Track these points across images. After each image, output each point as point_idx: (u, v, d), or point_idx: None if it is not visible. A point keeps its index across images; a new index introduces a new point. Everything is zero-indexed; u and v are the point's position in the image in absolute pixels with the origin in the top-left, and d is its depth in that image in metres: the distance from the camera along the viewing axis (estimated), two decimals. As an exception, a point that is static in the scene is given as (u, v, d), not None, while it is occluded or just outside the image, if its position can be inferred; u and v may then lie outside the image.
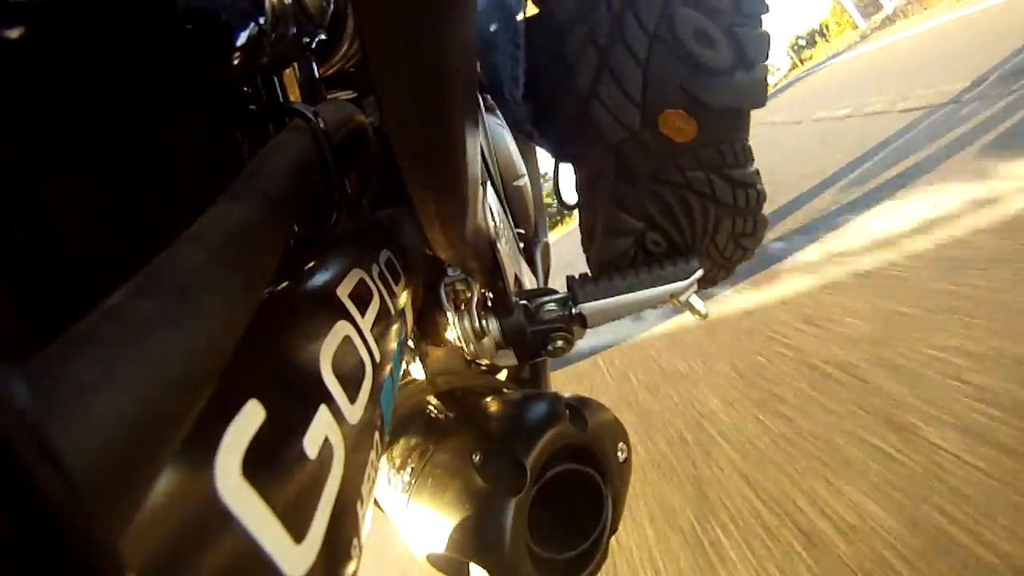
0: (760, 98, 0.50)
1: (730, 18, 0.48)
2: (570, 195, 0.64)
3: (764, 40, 0.48)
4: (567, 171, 0.65)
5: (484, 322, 0.52)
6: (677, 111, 0.50)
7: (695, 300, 0.58)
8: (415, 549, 0.43)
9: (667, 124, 0.51)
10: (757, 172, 0.55)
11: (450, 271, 0.51)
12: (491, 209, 0.58)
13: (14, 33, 0.22)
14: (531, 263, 0.99)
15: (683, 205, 0.55)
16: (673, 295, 0.56)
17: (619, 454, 0.47)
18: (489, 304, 0.54)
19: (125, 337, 0.14)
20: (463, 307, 0.51)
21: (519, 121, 0.58)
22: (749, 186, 0.54)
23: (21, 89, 0.23)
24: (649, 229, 0.56)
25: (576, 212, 0.64)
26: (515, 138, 0.96)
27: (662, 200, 0.55)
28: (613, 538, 0.45)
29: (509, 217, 0.91)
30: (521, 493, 0.39)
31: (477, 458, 0.42)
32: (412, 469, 0.46)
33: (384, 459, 0.50)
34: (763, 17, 0.49)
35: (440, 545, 0.41)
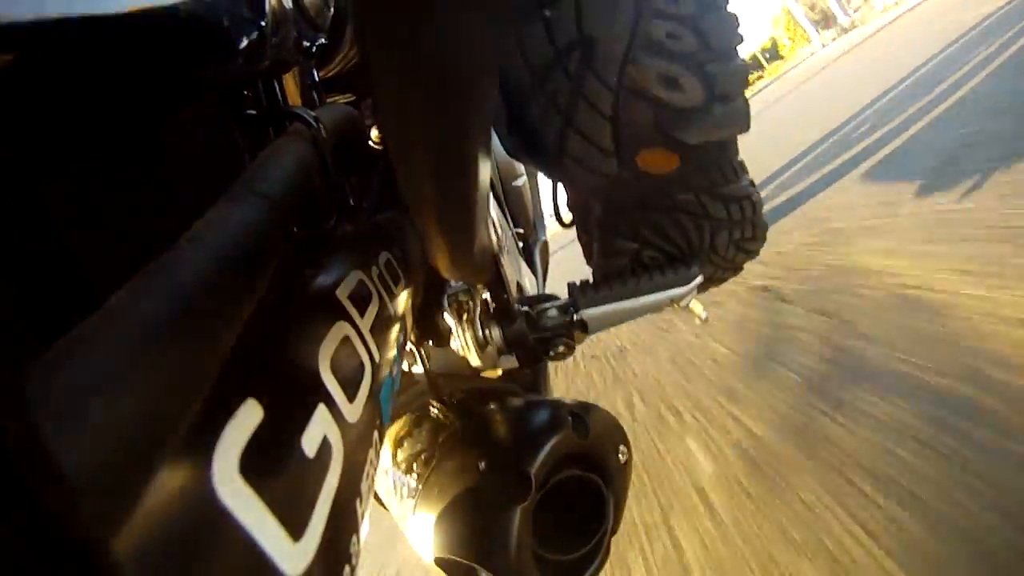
0: (743, 124, 0.49)
1: (699, 57, 0.46)
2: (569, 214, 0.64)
3: (740, 72, 0.47)
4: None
5: (487, 331, 0.52)
6: (655, 149, 0.50)
7: (695, 305, 0.58)
8: (423, 553, 0.44)
9: (647, 162, 0.51)
10: (751, 183, 0.54)
11: (453, 282, 0.51)
12: (491, 216, 0.58)
13: (16, 35, 0.22)
14: (530, 262, 0.99)
15: (675, 225, 0.55)
16: (674, 300, 0.56)
17: (619, 456, 0.47)
18: (491, 311, 0.54)
19: (124, 338, 0.14)
20: (466, 318, 0.51)
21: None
22: (743, 199, 0.54)
23: (23, 91, 0.23)
24: (644, 248, 0.57)
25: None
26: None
27: (653, 223, 0.55)
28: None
29: (508, 219, 0.91)
30: (526, 501, 0.39)
31: (483, 466, 0.42)
32: (418, 475, 0.46)
33: (390, 464, 0.50)
34: (737, 49, 0.47)
35: (448, 550, 0.41)
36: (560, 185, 0.62)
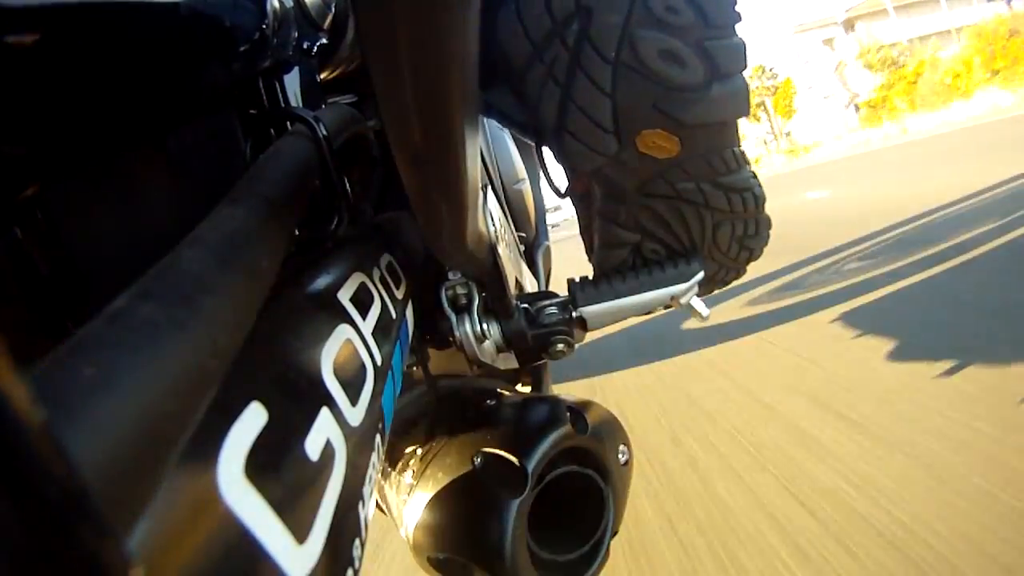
0: (743, 108, 0.49)
1: (698, 33, 0.46)
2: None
3: (739, 49, 0.47)
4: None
5: (485, 325, 0.52)
6: (655, 130, 0.49)
7: (696, 302, 0.58)
8: (416, 551, 0.43)
9: (647, 143, 0.50)
10: (754, 175, 0.54)
11: (451, 274, 0.51)
12: (491, 213, 0.58)
13: (19, 39, 0.22)
14: (532, 266, 0.99)
15: (676, 216, 0.54)
16: (674, 297, 0.56)
17: (620, 456, 0.47)
18: (490, 307, 0.54)
19: (130, 340, 0.14)
20: (464, 310, 0.51)
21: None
22: (744, 191, 0.53)
23: (26, 94, 0.23)
24: (645, 240, 0.56)
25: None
26: (515, 141, 0.96)
27: (654, 212, 0.54)
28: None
29: (510, 220, 0.91)
30: (522, 495, 0.39)
31: (478, 461, 0.42)
32: (413, 471, 0.46)
33: (386, 461, 0.50)
34: (736, 26, 0.47)
35: (441, 547, 0.41)
36: (553, 160, 0.61)
